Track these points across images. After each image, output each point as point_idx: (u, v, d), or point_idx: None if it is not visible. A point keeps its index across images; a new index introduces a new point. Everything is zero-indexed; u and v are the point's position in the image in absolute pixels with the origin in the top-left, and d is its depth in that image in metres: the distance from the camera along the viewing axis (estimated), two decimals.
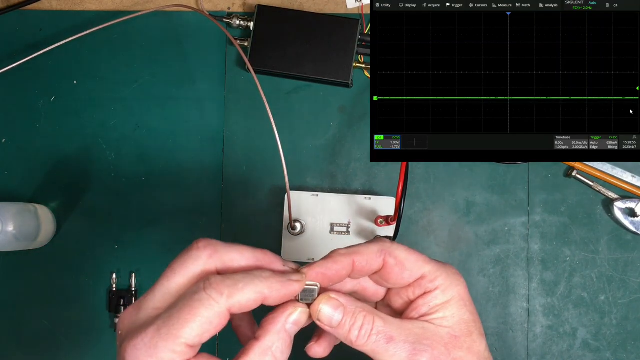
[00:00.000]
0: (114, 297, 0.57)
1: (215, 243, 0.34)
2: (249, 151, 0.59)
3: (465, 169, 0.58)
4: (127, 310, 0.33)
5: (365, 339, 0.34)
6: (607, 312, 0.57)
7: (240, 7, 0.60)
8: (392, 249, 0.36)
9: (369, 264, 0.36)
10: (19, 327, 0.58)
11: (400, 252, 0.36)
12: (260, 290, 0.32)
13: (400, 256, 0.36)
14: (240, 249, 0.35)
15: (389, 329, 0.34)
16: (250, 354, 0.32)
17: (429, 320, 0.36)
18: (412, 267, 0.36)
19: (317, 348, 0.37)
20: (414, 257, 0.36)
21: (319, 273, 0.35)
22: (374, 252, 0.36)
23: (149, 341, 0.30)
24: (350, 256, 0.35)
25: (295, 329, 0.34)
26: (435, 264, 0.37)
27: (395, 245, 0.37)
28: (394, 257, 0.36)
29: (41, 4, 0.60)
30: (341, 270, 0.35)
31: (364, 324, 0.34)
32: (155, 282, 0.34)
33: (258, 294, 0.32)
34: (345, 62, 0.56)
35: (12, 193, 0.59)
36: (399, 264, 0.36)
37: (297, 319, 0.34)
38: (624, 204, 0.57)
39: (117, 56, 0.60)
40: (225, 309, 0.31)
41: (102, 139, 0.59)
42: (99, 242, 0.59)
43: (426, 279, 0.36)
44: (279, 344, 0.33)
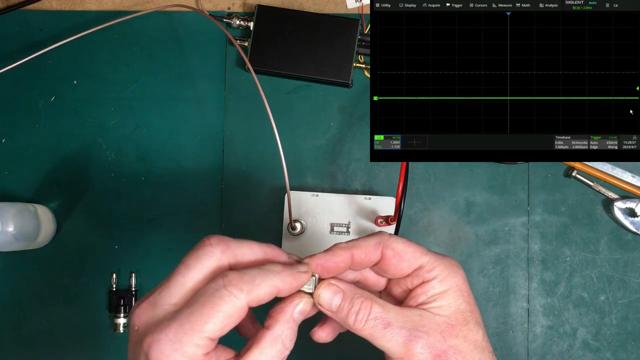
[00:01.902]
0: (114, 297, 0.57)
1: (227, 239, 0.36)
2: (249, 151, 0.59)
3: (465, 169, 0.58)
4: (140, 306, 0.34)
5: (363, 323, 0.36)
6: (607, 312, 0.57)
7: (240, 7, 0.60)
8: (389, 241, 0.37)
9: (368, 256, 0.37)
10: (19, 327, 0.58)
11: (398, 244, 0.37)
12: (275, 284, 0.34)
13: (398, 248, 0.37)
14: (250, 244, 0.36)
15: (386, 315, 0.36)
16: (262, 343, 0.34)
17: (426, 308, 0.37)
18: (410, 258, 0.37)
19: (320, 333, 0.40)
20: (411, 249, 0.37)
21: (318, 264, 0.37)
22: (372, 245, 0.37)
23: (173, 336, 0.32)
24: (349, 250, 0.37)
25: (301, 317, 0.36)
26: (434, 255, 0.38)
27: (393, 237, 0.38)
28: (391, 249, 0.37)
29: (41, 4, 0.60)
30: (340, 263, 0.37)
31: (361, 308, 0.36)
32: (168, 278, 0.34)
33: (273, 288, 0.34)
34: (345, 62, 0.56)
35: (12, 193, 0.59)
36: (397, 256, 0.37)
37: (303, 308, 0.36)
38: (624, 204, 0.57)
39: (117, 56, 0.60)
40: (245, 304, 0.33)
41: (102, 139, 0.59)
42: (99, 242, 0.59)
43: (424, 269, 0.37)
44: (288, 332, 0.35)
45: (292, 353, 0.36)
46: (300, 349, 0.55)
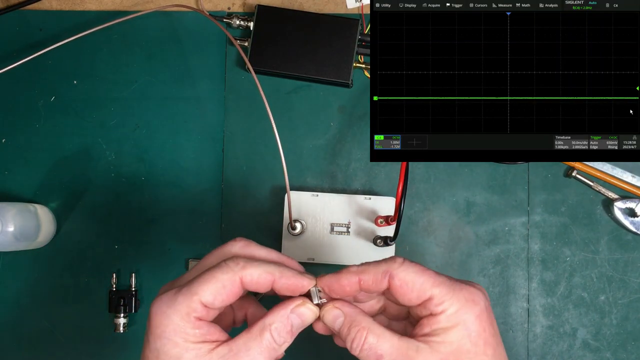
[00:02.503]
0: (114, 297, 0.57)
1: (251, 241, 0.40)
2: (249, 151, 0.59)
3: (465, 169, 0.58)
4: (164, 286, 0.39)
5: (358, 350, 0.37)
6: (607, 312, 0.57)
7: (240, 7, 0.60)
8: (398, 270, 0.36)
9: (375, 284, 0.37)
10: (19, 326, 0.58)
11: (407, 273, 0.36)
12: (271, 271, 0.37)
13: (406, 278, 0.36)
14: (269, 250, 0.40)
15: (380, 346, 0.36)
16: (252, 329, 0.36)
17: (428, 341, 0.36)
18: (419, 289, 0.36)
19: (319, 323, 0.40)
20: (422, 279, 0.36)
21: (326, 284, 0.38)
22: (379, 273, 0.37)
23: (172, 296, 0.36)
24: (356, 275, 0.37)
25: (298, 321, 0.37)
26: (449, 286, 0.36)
27: (404, 265, 0.37)
28: (399, 279, 0.36)
29: (41, 4, 0.60)
30: (346, 287, 0.37)
31: (356, 337, 0.37)
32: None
33: (268, 274, 0.36)
34: (345, 62, 0.56)
35: (12, 193, 0.59)
36: (404, 286, 0.36)
37: (302, 311, 0.37)
38: (624, 204, 0.57)
39: (117, 56, 0.60)
40: (238, 277, 0.36)
41: (102, 139, 0.59)
42: (99, 242, 0.59)
43: (433, 302, 0.36)
44: (279, 325, 0.36)
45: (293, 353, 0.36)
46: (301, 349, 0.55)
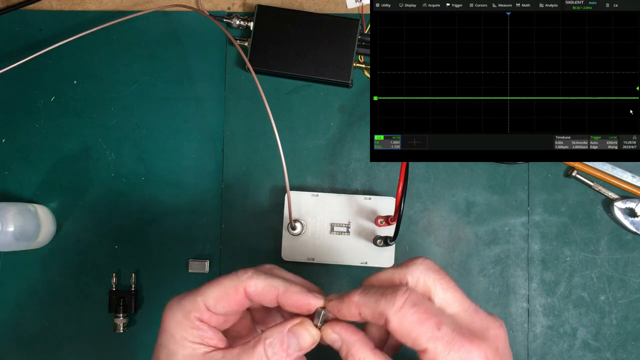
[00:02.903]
0: (114, 297, 0.57)
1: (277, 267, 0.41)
2: (249, 151, 0.59)
3: (465, 169, 0.58)
4: None
5: None
6: (607, 312, 0.57)
7: (240, 7, 0.60)
8: (394, 316, 0.34)
9: (374, 319, 0.35)
10: (19, 327, 0.58)
11: (403, 322, 0.34)
12: (276, 285, 0.37)
13: (401, 327, 0.34)
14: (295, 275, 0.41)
15: None
16: (250, 341, 0.37)
17: None
18: (414, 339, 0.34)
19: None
20: (419, 331, 0.34)
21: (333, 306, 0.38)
22: (378, 311, 0.35)
23: (183, 295, 0.38)
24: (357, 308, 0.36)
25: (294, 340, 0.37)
26: (446, 344, 0.34)
27: (403, 310, 0.34)
28: (393, 328, 0.34)
29: (41, 4, 0.60)
30: (346, 315, 0.37)
31: None
32: None
33: (272, 287, 0.37)
34: (345, 62, 0.56)
35: (12, 193, 0.59)
36: (397, 333, 0.34)
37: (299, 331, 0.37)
38: (624, 204, 0.57)
39: (116, 56, 0.60)
40: (242, 286, 0.37)
41: (102, 139, 0.59)
42: (99, 242, 0.59)
43: (427, 355, 0.34)
44: (273, 341, 0.37)
45: None
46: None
